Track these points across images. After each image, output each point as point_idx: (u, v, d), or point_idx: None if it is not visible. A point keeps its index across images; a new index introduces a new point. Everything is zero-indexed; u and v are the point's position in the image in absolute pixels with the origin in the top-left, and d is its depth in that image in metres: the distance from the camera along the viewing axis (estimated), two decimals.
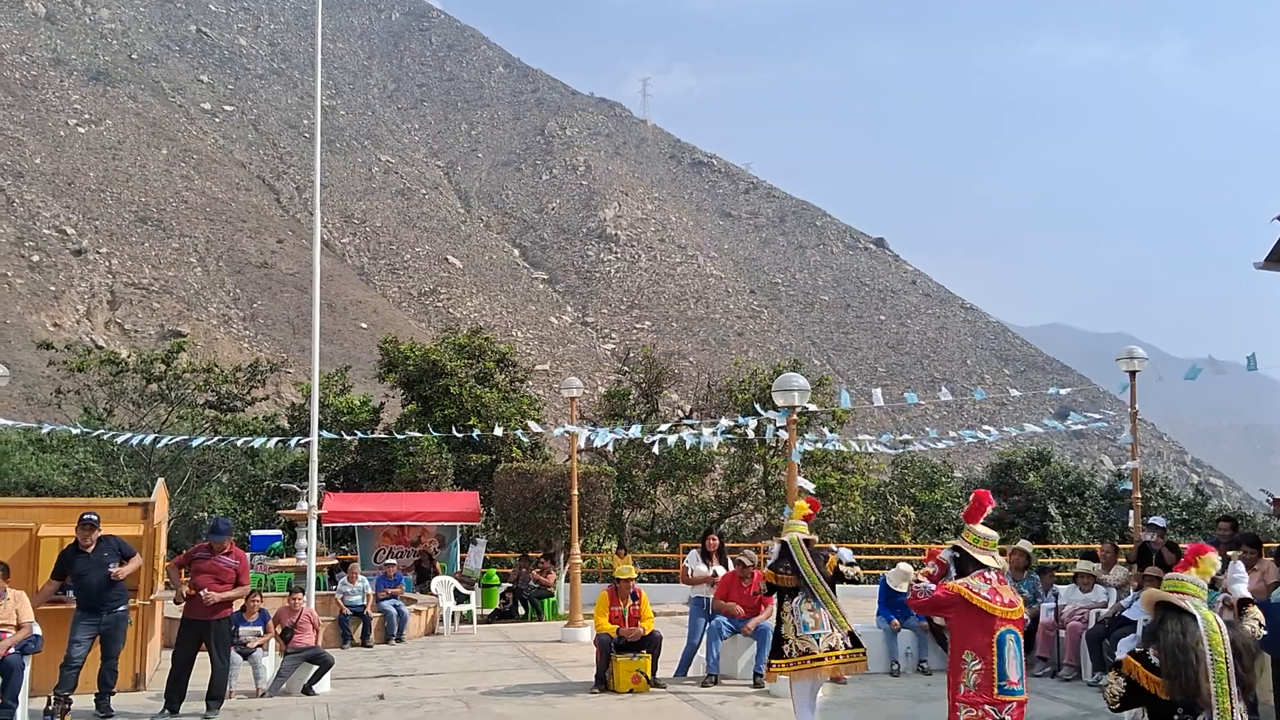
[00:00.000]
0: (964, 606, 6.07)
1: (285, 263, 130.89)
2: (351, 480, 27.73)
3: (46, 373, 37.22)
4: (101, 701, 9.97)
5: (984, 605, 6.02)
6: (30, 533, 11.30)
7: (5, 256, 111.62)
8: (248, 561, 10.75)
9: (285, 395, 44.60)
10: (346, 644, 15.39)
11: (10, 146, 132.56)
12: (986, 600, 6.03)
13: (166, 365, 28.93)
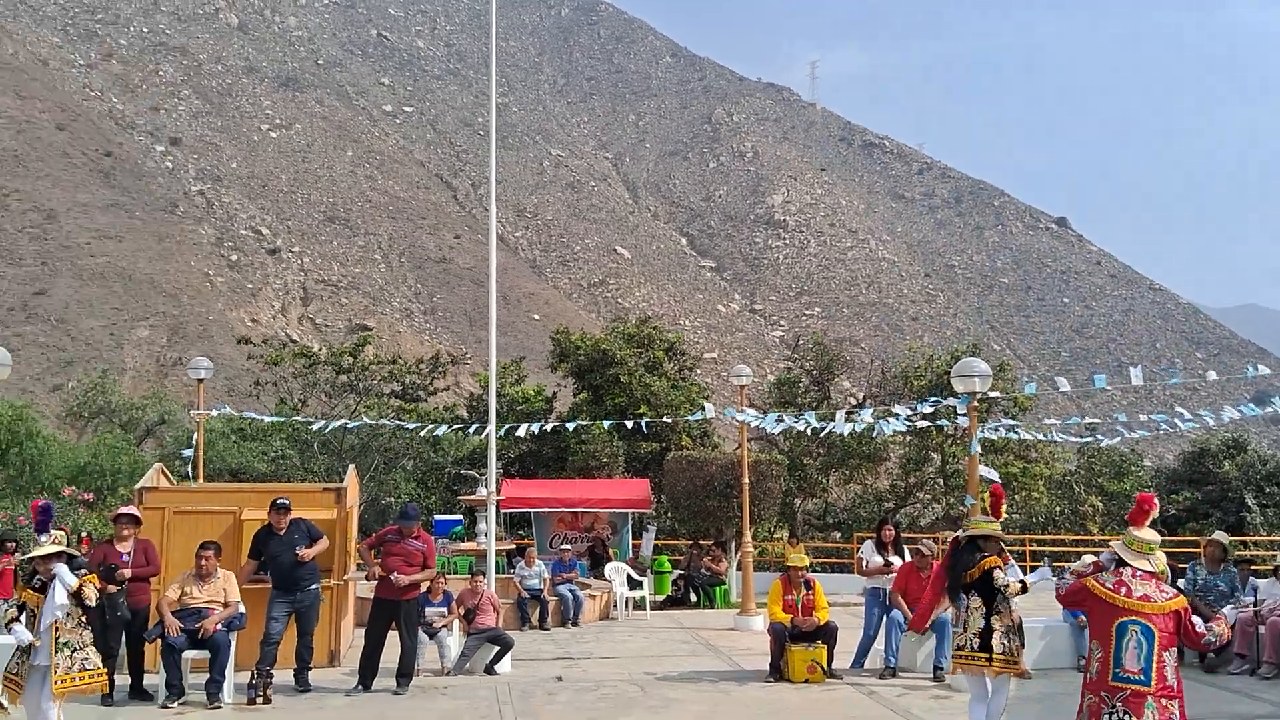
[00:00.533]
0: (1091, 598, 6.42)
1: (462, 257, 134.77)
2: (527, 467, 28.40)
3: (246, 366, 39.46)
4: (300, 676, 10.51)
5: (1105, 595, 6.32)
6: (234, 516, 12.01)
7: (207, 256, 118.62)
8: (434, 545, 11.16)
9: (464, 385, 45.97)
10: (525, 626, 15.80)
11: (209, 152, 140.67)
12: (1109, 591, 6.32)
13: (354, 358, 30.28)
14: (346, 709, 9.78)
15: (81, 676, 7.39)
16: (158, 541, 11.56)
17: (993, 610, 8.34)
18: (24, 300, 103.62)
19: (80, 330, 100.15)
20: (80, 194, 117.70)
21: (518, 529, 24.90)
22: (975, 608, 8.41)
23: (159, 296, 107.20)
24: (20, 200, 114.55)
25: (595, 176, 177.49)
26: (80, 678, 7.39)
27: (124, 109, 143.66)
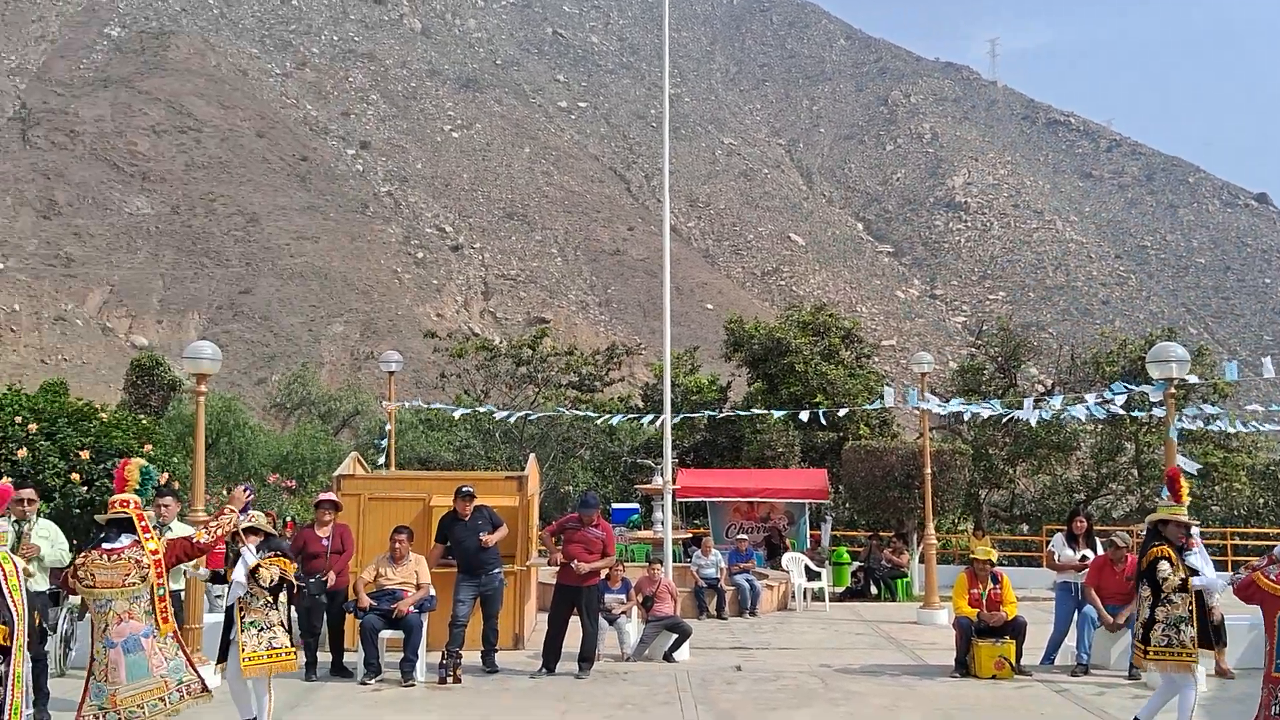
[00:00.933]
0: (1258, 591, 6.42)
1: (636, 249, 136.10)
2: (702, 457, 28.49)
3: (432, 359, 40.94)
4: (487, 657, 10.87)
5: (1269, 588, 6.31)
6: (424, 502, 12.49)
7: (395, 255, 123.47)
8: (613, 533, 11.34)
9: (638, 375, 46.49)
10: (702, 615, 15.87)
11: (396, 154, 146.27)
12: (1272, 583, 6.31)
13: (533, 350, 31.02)
14: (531, 690, 10.04)
15: (270, 655, 7.65)
16: (354, 526, 12.12)
17: (1159, 601, 8.02)
18: (231, 299, 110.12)
19: (281, 327, 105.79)
20: (279, 197, 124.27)
21: (693, 518, 25.02)
22: (1145, 598, 8.16)
23: (352, 294, 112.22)
24: (225, 205, 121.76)
25: (768, 164, 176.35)
26: (268, 655, 7.65)
27: (317, 115, 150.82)
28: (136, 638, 6.29)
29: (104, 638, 6.21)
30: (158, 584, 6.40)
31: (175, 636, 6.52)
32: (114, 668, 6.16)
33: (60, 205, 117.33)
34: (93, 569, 6.27)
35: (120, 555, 6.36)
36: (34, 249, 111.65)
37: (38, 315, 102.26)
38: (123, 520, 6.45)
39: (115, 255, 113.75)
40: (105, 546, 6.37)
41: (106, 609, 6.25)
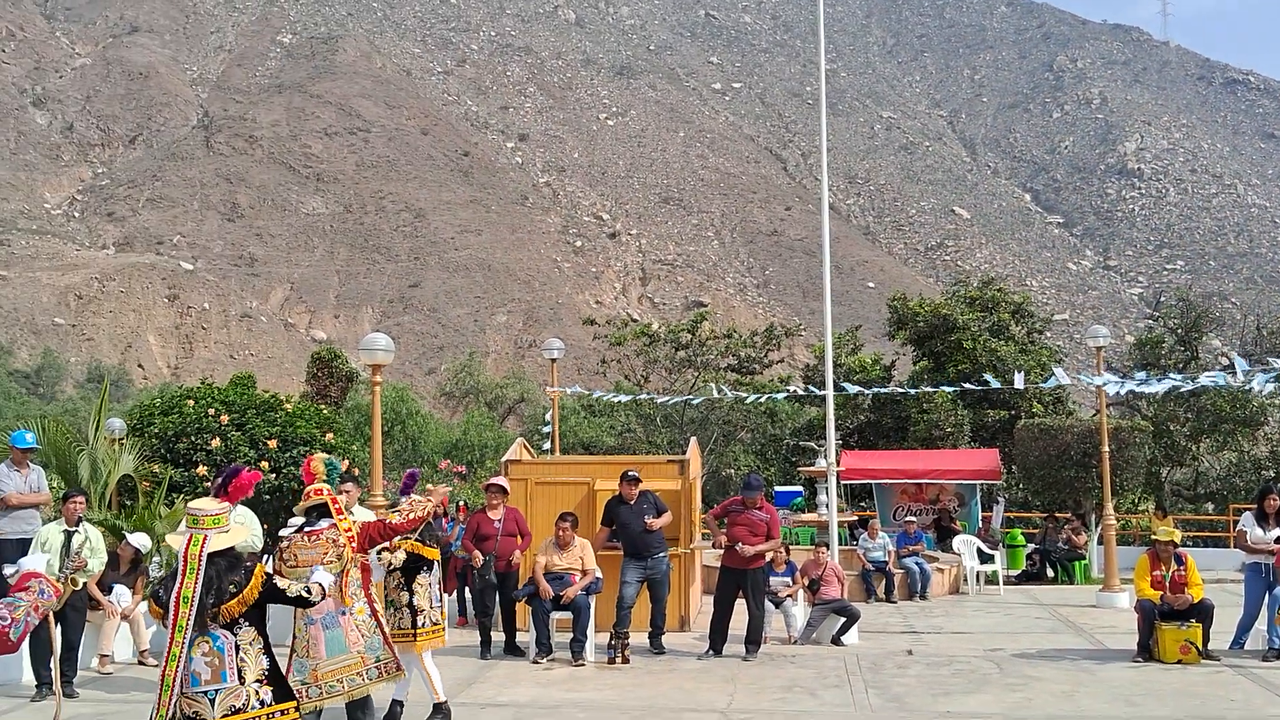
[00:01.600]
0: None
1: (793, 229, 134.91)
2: (866, 438, 28.08)
3: (592, 345, 41.54)
4: (654, 639, 10.99)
5: None
6: (589, 487, 12.69)
7: (555, 244, 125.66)
8: (778, 516, 11.28)
9: (798, 357, 46.12)
10: (870, 599, 15.65)
11: (553, 145, 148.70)
12: None
13: (692, 334, 31.11)
14: (699, 671, 10.11)
15: (395, 634, 7.89)
16: (522, 510, 12.42)
17: None
18: (401, 293, 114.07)
19: (449, 318, 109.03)
20: (444, 193, 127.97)
21: (858, 500, 24.69)
22: None
23: (514, 284, 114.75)
24: (394, 202, 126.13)
25: (929, 136, 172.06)
26: (395, 635, 7.88)
27: (477, 110, 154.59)
28: (334, 615, 6.65)
29: (305, 615, 6.54)
30: (350, 562, 6.78)
31: (374, 615, 6.88)
32: (314, 643, 6.52)
33: (243, 208, 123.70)
34: (295, 550, 6.67)
35: (319, 536, 6.79)
36: (220, 250, 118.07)
37: (225, 313, 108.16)
38: (320, 506, 6.83)
39: (294, 254, 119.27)
40: (307, 529, 6.76)
41: None
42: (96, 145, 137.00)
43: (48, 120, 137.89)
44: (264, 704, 5.03)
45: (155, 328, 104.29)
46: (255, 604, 5.13)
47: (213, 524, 5.11)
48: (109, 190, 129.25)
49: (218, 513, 5.17)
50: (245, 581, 5.08)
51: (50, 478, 11.30)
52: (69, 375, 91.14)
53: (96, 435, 13.02)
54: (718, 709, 8.53)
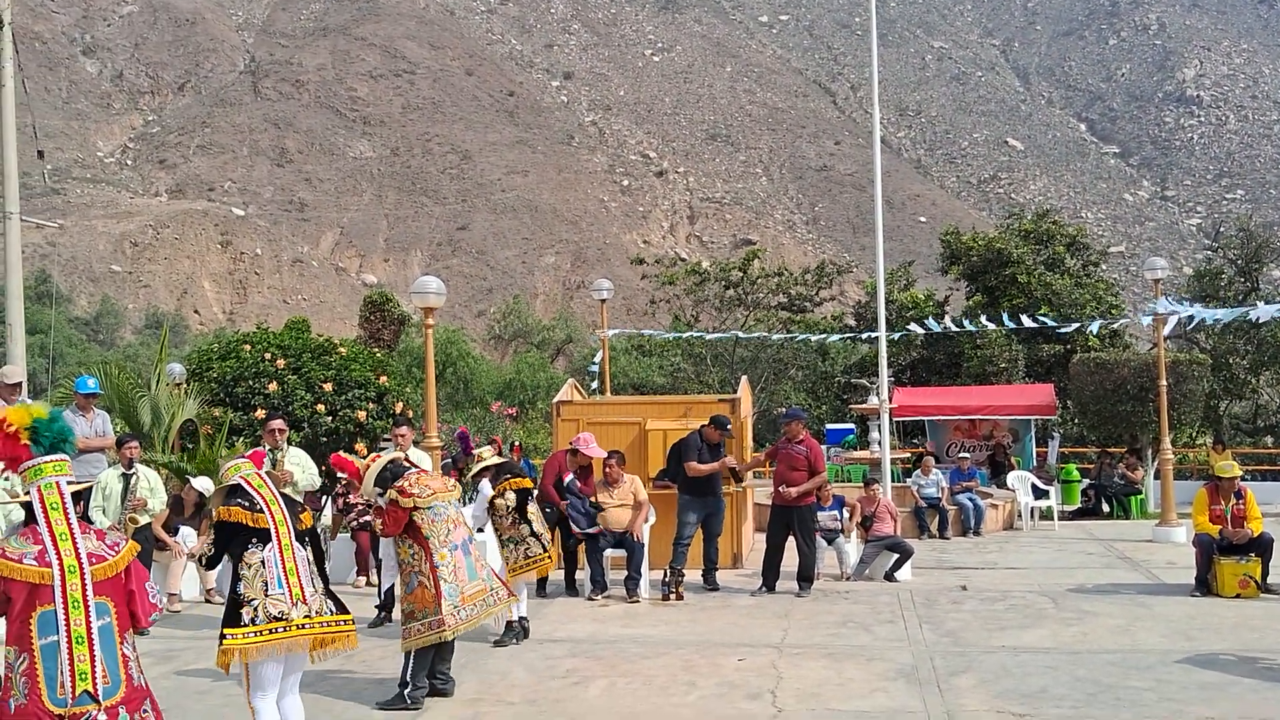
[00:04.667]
0: None
1: (843, 164, 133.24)
2: (919, 375, 27.88)
3: (640, 285, 41.46)
4: (708, 576, 11.09)
5: None
6: (639, 426, 12.76)
7: (601, 184, 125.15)
8: (820, 449, 11.27)
9: (849, 294, 45.80)
10: (923, 535, 15.64)
11: (599, 83, 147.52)
12: None
13: (743, 272, 30.93)
14: (753, 607, 10.19)
15: (527, 562, 8.69)
16: None
17: None
18: (450, 235, 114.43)
19: (497, 260, 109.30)
20: (490, 134, 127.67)
21: (911, 437, 24.60)
22: None
23: (561, 225, 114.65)
24: (440, 144, 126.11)
25: (982, 66, 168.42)
26: (525, 565, 8.69)
27: (522, 49, 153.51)
28: (466, 542, 6.91)
29: (448, 542, 6.71)
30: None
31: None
32: (459, 568, 6.74)
33: (291, 153, 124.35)
34: (422, 481, 6.81)
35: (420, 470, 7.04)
36: (270, 195, 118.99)
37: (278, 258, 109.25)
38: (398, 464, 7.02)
39: (343, 198, 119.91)
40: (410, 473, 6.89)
41: (444, 515, 6.78)
42: (146, 93, 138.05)
43: (98, 69, 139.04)
44: (332, 612, 5.42)
45: (209, 273, 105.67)
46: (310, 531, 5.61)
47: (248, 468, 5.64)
48: (160, 137, 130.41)
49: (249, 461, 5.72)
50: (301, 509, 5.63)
51: (114, 423, 11.53)
52: (127, 321, 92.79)
53: (157, 380, 13.27)
54: (772, 643, 8.61)
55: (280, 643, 5.21)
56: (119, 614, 4.03)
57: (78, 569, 3.95)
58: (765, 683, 7.38)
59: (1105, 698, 7.00)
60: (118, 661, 3.96)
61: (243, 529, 5.31)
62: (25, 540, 4.02)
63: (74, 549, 3.99)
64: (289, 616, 5.22)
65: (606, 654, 8.33)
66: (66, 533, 4.01)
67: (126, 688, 3.96)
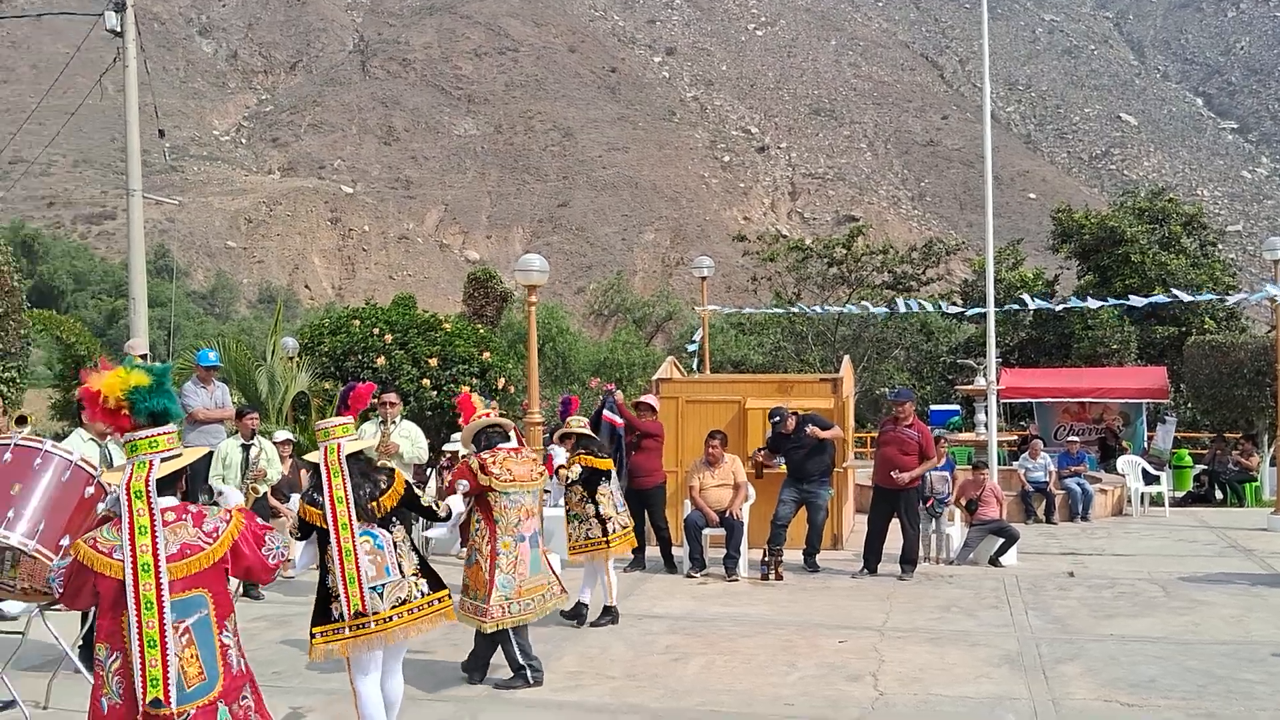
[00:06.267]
0: None
1: (950, 139, 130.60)
2: (1027, 356, 27.32)
3: (741, 262, 41.28)
4: (808, 558, 11.02)
5: None
6: (739, 405, 12.73)
7: (702, 160, 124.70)
8: (930, 434, 11.09)
9: (956, 272, 44.98)
10: (1029, 520, 15.35)
11: (701, 58, 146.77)
12: None
13: (846, 249, 30.56)
14: (854, 589, 10.13)
15: (585, 544, 8.49)
16: (673, 428, 12.55)
17: None
18: (550, 212, 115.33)
19: (597, 237, 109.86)
20: (591, 110, 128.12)
21: (1018, 419, 24.14)
22: None
23: (661, 201, 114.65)
24: (542, 121, 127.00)
25: (1094, 39, 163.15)
26: (582, 545, 8.50)
27: (624, 25, 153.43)
28: (535, 535, 6.77)
29: (515, 532, 6.58)
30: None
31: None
32: (522, 561, 6.59)
33: (398, 131, 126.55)
34: (508, 465, 6.64)
35: (522, 454, 6.83)
36: (378, 174, 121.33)
37: (384, 235, 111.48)
38: (498, 428, 6.87)
39: (448, 176, 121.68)
40: (503, 447, 6.75)
41: (519, 503, 6.65)
42: (259, 72, 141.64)
43: (213, 49, 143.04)
44: (423, 594, 5.31)
45: (319, 249, 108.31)
46: (401, 504, 5.41)
47: (342, 433, 5.40)
48: (272, 116, 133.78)
49: (343, 423, 5.45)
50: (390, 481, 5.39)
51: (232, 394, 11.92)
52: (241, 296, 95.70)
53: (272, 354, 13.68)
54: (873, 626, 8.56)
55: (366, 639, 5.17)
56: (217, 602, 3.73)
57: (152, 567, 3.61)
58: (866, 665, 7.35)
59: (1216, 690, 6.82)
60: (215, 654, 3.70)
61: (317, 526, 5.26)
62: (115, 530, 3.70)
63: (151, 544, 3.62)
64: (377, 609, 5.15)
65: (705, 632, 8.37)
66: (147, 525, 3.65)
67: (225, 679, 3.71)
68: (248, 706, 3.80)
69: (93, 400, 3.83)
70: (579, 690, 6.82)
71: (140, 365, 3.91)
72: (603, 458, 8.72)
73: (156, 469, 3.75)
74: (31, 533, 5.15)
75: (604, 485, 8.59)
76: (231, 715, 3.70)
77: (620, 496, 8.84)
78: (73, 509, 5.33)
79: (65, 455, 5.47)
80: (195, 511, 3.81)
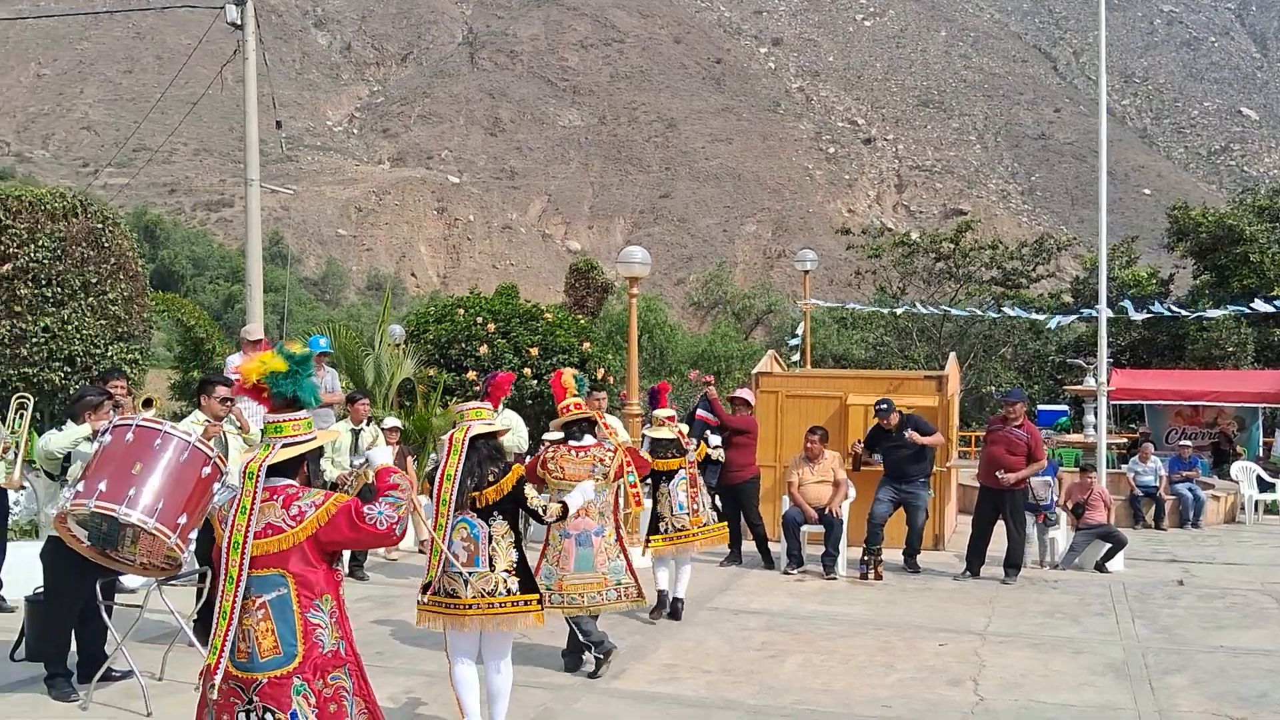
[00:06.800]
0: None
1: (1063, 132, 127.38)
2: (1139, 356, 26.56)
3: (845, 256, 40.79)
4: (908, 559, 10.85)
5: None
6: (840, 401, 12.60)
7: (806, 151, 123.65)
8: (1039, 435, 10.85)
9: (1067, 269, 43.85)
10: (1138, 525, 14.96)
11: (808, 49, 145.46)
12: None
13: (954, 244, 29.98)
14: (955, 591, 9.97)
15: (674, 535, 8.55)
16: (772, 423, 12.49)
17: None
18: (652, 203, 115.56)
19: (698, 228, 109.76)
20: (695, 101, 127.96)
21: (1128, 421, 23.50)
22: None
23: (764, 193, 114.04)
24: (646, 112, 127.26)
25: (1215, 30, 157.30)
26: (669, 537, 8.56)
27: (730, 15, 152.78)
28: (589, 534, 6.78)
29: (561, 527, 6.65)
30: (613, 485, 6.96)
31: (619, 541, 7.02)
32: (565, 556, 6.70)
33: (504, 122, 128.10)
34: (562, 461, 6.79)
35: (587, 452, 6.86)
36: (483, 164, 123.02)
37: (489, 224, 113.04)
38: (585, 421, 6.97)
39: (551, 167, 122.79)
40: (572, 444, 6.86)
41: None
42: (372, 64, 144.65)
43: (328, 41, 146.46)
44: (510, 592, 5.37)
45: (425, 238, 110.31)
46: (509, 499, 5.47)
47: (475, 415, 5.57)
48: (383, 107, 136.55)
49: (476, 407, 5.64)
50: (502, 474, 5.44)
51: (340, 379, 12.22)
52: (350, 283, 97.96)
53: (380, 340, 13.99)
54: (975, 630, 8.42)
55: (442, 618, 5.34)
56: (299, 582, 3.79)
57: (240, 546, 3.77)
58: (967, 670, 7.24)
59: None
60: (296, 631, 3.76)
61: None
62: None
63: (245, 524, 3.78)
64: (459, 594, 5.29)
65: (802, 630, 8.33)
66: (248, 505, 3.81)
67: (306, 656, 3.77)
68: (339, 686, 3.86)
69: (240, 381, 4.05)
70: (674, 683, 6.85)
71: (284, 352, 4.03)
72: (669, 458, 8.74)
73: (275, 453, 3.88)
74: (150, 510, 5.34)
75: (663, 485, 8.67)
76: (315, 692, 3.78)
77: (683, 497, 8.73)
78: (190, 488, 5.51)
79: (184, 436, 5.66)
80: (290, 494, 3.89)
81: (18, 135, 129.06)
